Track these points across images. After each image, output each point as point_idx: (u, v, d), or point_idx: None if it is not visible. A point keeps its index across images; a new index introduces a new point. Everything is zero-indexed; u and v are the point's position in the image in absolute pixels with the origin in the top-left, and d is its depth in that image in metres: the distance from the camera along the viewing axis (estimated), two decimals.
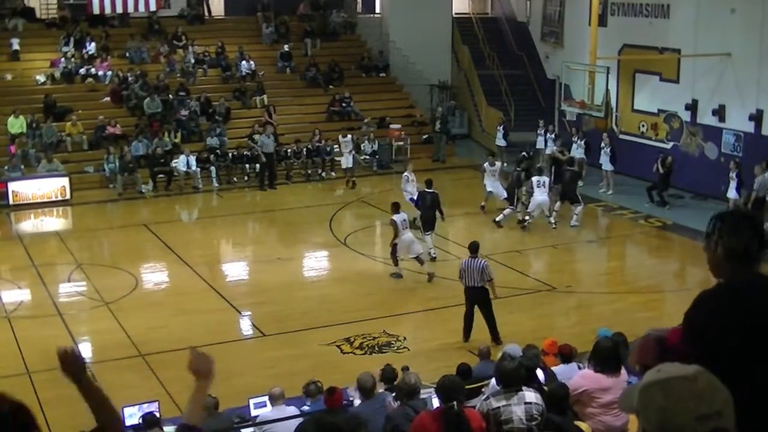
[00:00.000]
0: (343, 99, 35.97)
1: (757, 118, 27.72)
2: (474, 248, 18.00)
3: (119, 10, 35.59)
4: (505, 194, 26.84)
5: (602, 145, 30.05)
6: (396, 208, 21.82)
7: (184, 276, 22.37)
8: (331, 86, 36.85)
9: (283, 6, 39.44)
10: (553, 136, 31.74)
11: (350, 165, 31.72)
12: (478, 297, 17.76)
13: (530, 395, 9.33)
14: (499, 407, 8.92)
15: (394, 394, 11.22)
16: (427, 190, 23.58)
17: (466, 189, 30.74)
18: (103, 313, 19.55)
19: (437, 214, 23.38)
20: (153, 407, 12.75)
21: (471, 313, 17.88)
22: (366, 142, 33.83)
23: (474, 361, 14.74)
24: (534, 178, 25.79)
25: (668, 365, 2.81)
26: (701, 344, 3.56)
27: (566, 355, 12.94)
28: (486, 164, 27.83)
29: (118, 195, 29.78)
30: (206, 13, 39.26)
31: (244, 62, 36.11)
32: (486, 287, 17.75)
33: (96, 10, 34.51)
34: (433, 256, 23.14)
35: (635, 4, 32.28)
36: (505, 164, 30.98)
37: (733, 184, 26.19)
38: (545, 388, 10.32)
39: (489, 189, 27.47)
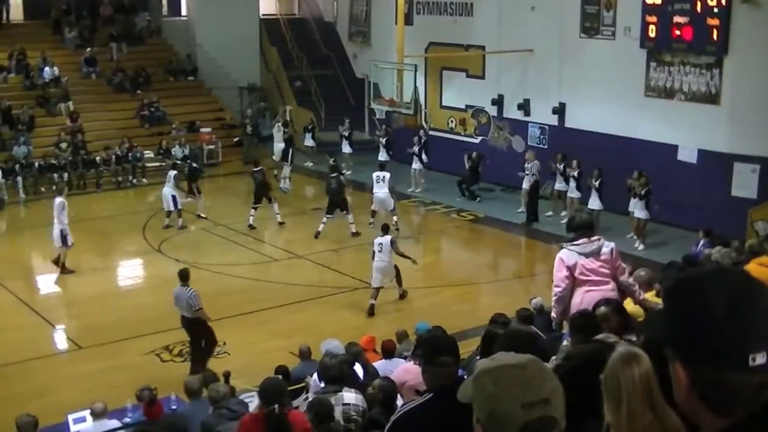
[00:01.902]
0: (151, 104, 35.37)
1: (559, 111, 28.65)
2: (182, 276, 16.96)
3: None
4: None
5: (414, 143, 30.47)
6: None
7: None
8: (139, 91, 36.16)
9: (85, 9, 38.37)
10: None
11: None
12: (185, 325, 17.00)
13: (349, 396, 9.37)
14: None
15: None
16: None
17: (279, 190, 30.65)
18: None
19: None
20: None
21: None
22: (177, 146, 33.36)
23: (294, 361, 14.72)
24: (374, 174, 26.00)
25: (503, 354, 2.84)
26: None
27: (388, 350, 13.07)
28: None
29: None
30: (4, 18, 37.85)
31: (47, 68, 35.00)
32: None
33: None
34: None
35: (440, 2, 32.84)
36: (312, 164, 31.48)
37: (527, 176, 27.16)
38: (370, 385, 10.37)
39: None
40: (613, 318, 7.47)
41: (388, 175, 25.76)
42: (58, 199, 22.85)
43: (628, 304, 9.20)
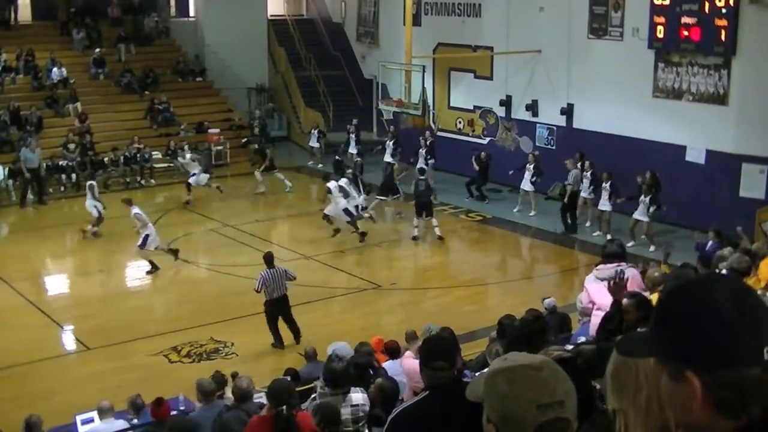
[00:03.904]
0: (160, 105, 35.38)
1: (567, 112, 28.63)
2: (269, 259, 18.01)
3: None
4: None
5: (420, 144, 30.52)
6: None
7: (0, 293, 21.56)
8: (147, 92, 36.19)
9: (93, 10, 38.35)
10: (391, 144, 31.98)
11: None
12: (284, 304, 17.95)
13: (357, 397, 9.40)
14: None
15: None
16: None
17: (287, 192, 30.69)
18: None
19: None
20: None
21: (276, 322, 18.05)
22: (185, 147, 33.36)
23: (302, 362, 14.73)
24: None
25: (516, 354, 2.84)
26: None
27: (393, 351, 13.06)
28: None
29: None
30: (12, 19, 37.88)
31: (55, 69, 35.02)
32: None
33: None
34: None
35: (448, 3, 32.85)
36: (321, 165, 31.56)
37: (528, 176, 27.31)
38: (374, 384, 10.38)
39: None
40: (633, 312, 7.51)
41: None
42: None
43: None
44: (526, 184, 27.38)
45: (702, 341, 2.19)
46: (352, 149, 32.87)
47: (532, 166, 27.11)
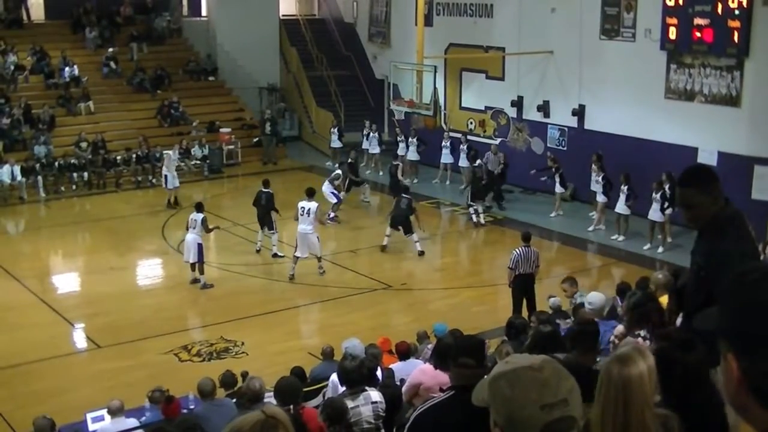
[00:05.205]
0: (171, 104, 35.42)
1: (579, 113, 28.58)
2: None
3: None
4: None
5: (443, 143, 31.19)
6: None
7: (11, 290, 21.56)
8: (159, 91, 36.23)
9: (106, 10, 38.40)
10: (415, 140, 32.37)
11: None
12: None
13: (375, 395, 9.40)
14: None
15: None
16: (263, 189, 24.04)
17: (299, 191, 30.61)
18: None
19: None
20: None
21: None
22: (196, 146, 33.40)
23: (312, 362, 14.74)
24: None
25: (517, 356, 2.84)
26: None
27: (403, 352, 13.04)
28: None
29: None
30: (25, 18, 37.95)
31: (67, 68, 35.07)
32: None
33: None
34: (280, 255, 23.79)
35: (460, 4, 32.82)
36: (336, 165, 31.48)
37: (558, 179, 27.18)
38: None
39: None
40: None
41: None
42: (200, 216, 21.91)
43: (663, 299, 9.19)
44: (559, 187, 27.37)
45: (746, 328, 2.18)
46: (374, 149, 33.06)
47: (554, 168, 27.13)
